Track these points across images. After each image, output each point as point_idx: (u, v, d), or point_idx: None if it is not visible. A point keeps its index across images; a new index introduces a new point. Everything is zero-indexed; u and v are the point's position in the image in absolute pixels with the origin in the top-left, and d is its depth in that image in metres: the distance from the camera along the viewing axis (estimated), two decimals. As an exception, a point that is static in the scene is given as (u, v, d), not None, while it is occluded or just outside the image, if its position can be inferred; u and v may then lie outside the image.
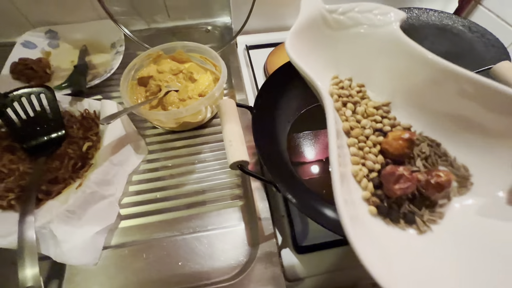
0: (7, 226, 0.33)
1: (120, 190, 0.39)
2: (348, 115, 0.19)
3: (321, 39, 0.20)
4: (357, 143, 0.17)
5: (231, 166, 0.27)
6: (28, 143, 0.41)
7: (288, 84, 0.42)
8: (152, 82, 0.46)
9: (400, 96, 0.19)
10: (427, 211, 0.15)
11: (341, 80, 0.20)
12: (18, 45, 0.55)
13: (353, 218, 0.13)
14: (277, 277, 0.31)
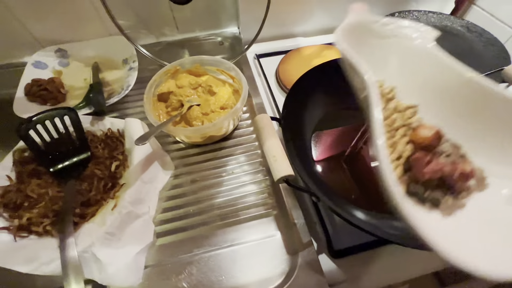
0: (48, 253, 0.33)
1: (153, 208, 0.39)
2: (386, 114, 0.20)
3: (362, 43, 0.21)
4: (389, 131, 0.19)
5: (278, 181, 0.28)
6: (54, 166, 0.41)
7: (309, 92, 0.43)
8: (172, 97, 0.47)
9: (428, 102, 0.20)
10: (451, 198, 0.16)
11: (381, 84, 0.22)
12: (29, 65, 0.54)
13: (405, 201, 0.14)
14: (322, 284, 0.32)
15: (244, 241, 0.37)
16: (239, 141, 0.47)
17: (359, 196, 0.40)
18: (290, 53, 0.63)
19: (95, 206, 0.38)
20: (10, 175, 0.40)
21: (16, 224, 0.35)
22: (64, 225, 0.34)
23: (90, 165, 0.42)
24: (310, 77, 0.43)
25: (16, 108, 0.47)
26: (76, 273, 0.31)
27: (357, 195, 0.40)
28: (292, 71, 0.59)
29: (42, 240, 0.35)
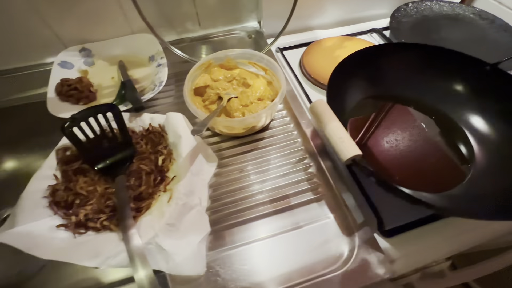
0: (111, 247, 0.33)
1: (205, 200, 0.39)
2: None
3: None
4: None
5: (346, 162, 0.29)
6: (100, 164, 0.41)
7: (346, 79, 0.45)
8: (209, 91, 0.47)
9: None
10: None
11: None
12: (55, 65, 0.53)
13: None
14: (383, 261, 0.33)
15: (298, 225, 0.38)
16: (277, 131, 0.48)
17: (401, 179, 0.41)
18: (312, 45, 0.64)
19: (148, 199, 0.38)
20: (56, 174, 0.40)
21: (73, 221, 0.35)
22: (124, 218, 0.34)
23: (135, 160, 0.42)
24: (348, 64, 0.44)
25: (51, 108, 0.47)
26: (143, 262, 0.31)
27: (400, 177, 0.41)
28: (317, 62, 0.60)
29: (101, 235, 0.35)
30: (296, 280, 0.33)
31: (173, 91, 0.57)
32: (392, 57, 0.46)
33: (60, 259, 0.31)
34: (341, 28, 0.71)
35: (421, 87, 0.48)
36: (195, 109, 0.42)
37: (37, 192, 0.37)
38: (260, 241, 0.37)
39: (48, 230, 0.34)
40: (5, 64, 0.57)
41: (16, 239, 0.31)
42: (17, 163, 0.60)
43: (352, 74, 0.45)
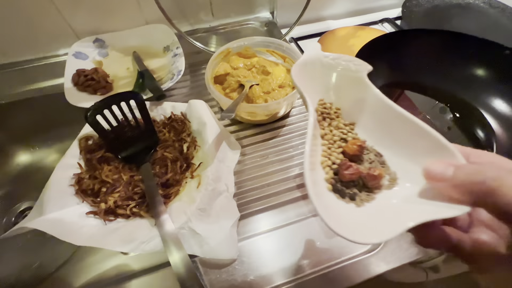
0: (144, 233, 0.33)
1: (232, 186, 0.39)
2: (325, 126, 0.25)
3: (316, 73, 0.26)
4: (327, 144, 0.24)
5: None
6: (123, 152, 0.40)
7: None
8: (230, 78, 0.47)
9: (362, 121, 0.25)
10: (364, 193, 0.21)
11: (325, 102, 0.26)
12: (70, 56, 0.53)
13: (317, 193, 0.19)
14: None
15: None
16: (298, 118, 0.48)
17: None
18: (325, 35, 0.64)
19: (176, 186, 0.38)
20: (80, 163, 0.40)
21: (103, 208, 0.35)
22: (155, 204, 0.34)
23: (158, 149, 0.42)
24: (370, 50, 0.44)
25: (70, 98, 0.46)
26: (177, 245, 0.31)
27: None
28: (333, 51, 0.59)
29: (132, 222, 0.35)
30: (333, 261, 0.33)
31: (188, 81, 0.56)
32: (413, 43, 0.47)
33: (94, 245, 0.31)
34: (352, 18, 0.71)
35: (440, 73, 0.48)
36: (219, 95, 0.41)
37: (62, 181, 0.37)
38: (289, 225, 0.37)
39: (78, 217, 0.34)
40: (18, 56, 0.56)
41: (49, 226, 0.31)
42: (30, 157, 0.60)
43: (374, 59, 0.45)
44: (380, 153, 0.23)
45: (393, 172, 0.22)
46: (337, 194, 0.21)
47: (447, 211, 0.16)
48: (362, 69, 0.24)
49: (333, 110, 0.25)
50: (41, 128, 0.58)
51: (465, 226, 0.19)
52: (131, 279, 0.33)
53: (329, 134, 0.24)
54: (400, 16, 0.70)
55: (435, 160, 0.17)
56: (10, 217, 0.53)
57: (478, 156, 0.18)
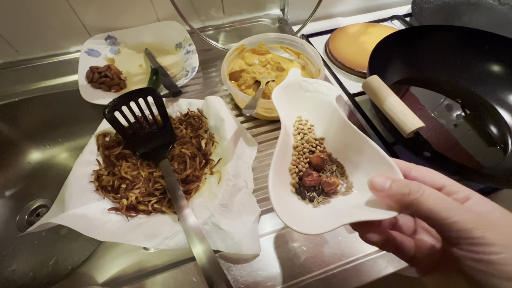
0: (167, 228, 0.33)
1: (251, 182, 0.39)
2: (298, 139, 0.29)
3: (296, 94, 0.30)
4: (297, 155, 0.28)
5: (409, 134, 0.29)
6: (141, 148, 0.40)
7: (383, 61, 0.45)
8: (245, 75, 0.47)
9: (330, 136, 0.29)
10: (321, 197, 0.25)
11: (301, 119, 0.30)
12: (83, 53, 0.52)
13: (278, 195, 0.22)
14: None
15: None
16: (313, 115, 0.48)
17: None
18: (336, 32, 0.64)
19: (196, 182, 0.38)
20: (98, 159, 0.40)
21: (125, 204, 0.35)
22: (178, 199, 0.34)
23: (176, 145, 0.42)
24: (385, 46, 0.44)
25: (85, 95, 0.46)
26: (201, 239, 0.31)
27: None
28: (344, 47, 0.60)
29: (154, 218, 0.35)
30: (357, 255, 0.34)
31: (201, 78, 0.56)
32: (427, 39, 0.47)
33: (118, 240, 0.31)
34: (362, 16, 0.71)
35: (453, 69, 0.48)
36: (236, 91, 0.41)
37: (83, 177, 0.37)
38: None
39: (100, 213, 0.34)
40: (30, 53, 0.56)
41: (73, 221, 0.31)
42: (41, 155, 0.60)
43: (389, 56, 0.45)
44: (342, 165, 0.27)
45: (350, 182, 0.25)
46: (298, 196, 0.25)
47: (379, 215, 0.19)
48: (332, 93, 0.28)
49: (307, 126, 0.29)
50: (52, 125, 0.58)
51: (410, 231, 0.23)
52: (154, 274, 0.33)
53: (300, 146, 0.28)
54: (409, 13, 0.70)
55: (378, 174, 0.20)
56: (23, 215, 0.53)
57: (417, 170, 0.21)
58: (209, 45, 0.57)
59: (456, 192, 0.19)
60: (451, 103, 0.49)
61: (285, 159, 0.26)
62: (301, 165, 0.27)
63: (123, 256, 0.36)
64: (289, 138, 0.27)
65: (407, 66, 0.48)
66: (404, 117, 0.29)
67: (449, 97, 0.49)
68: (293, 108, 0.29)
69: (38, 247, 0.48)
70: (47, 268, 0.46)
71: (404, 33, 0.46)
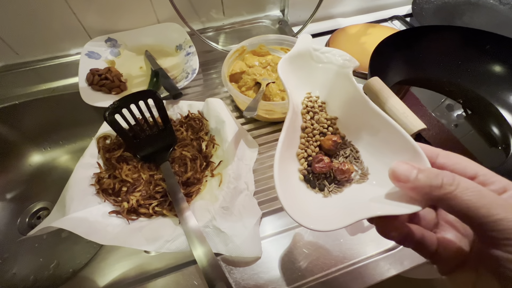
0: (169, 231, 0.33)
1: (251, 184, 0.39)
2: (307, 119, 0.25)
3: (305, 66, 0.26)
4: (306, 137, 0.24)
5: (412, 136, 0.29)
6: (143, 151, 0.40)
7: (384, 62, 0.45)
8: (246, 77, 0.47)
9: (344, 116, 0.25)
10: (333, 185, 0.22)
11: (311, 96, 0.26)
12: (83, 56, 0.52)
13: (284, 184, 0.19)
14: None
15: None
16: (314, 116, 0.48)
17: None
18: (336, 33, 0.64)
19: (197, 184, 0.38)
20: (99, 162, 0.40)
21: (126, 207, 0.35)
22: (179, 202, 0.34)
23: (176, 147, 0.42)
24: (386, 47, 0.43)
25: (85, 98, 0.46)
26: (201, 241, 0.31)
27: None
28: (343, 49, 0.59)
29: (155, 221, 0.35)
30: (361, 257, 0.33)
31: (201, 80, 0.56)
32: (428, 39, 0.47)
33: (120, 244, 0.31)
34: (362, 16, 0.71)
35: (455, 69, 0.48)
36: (237, 93, 0.41)
37: (83, 180, 0.37)
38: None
39: (101, 216, 0.34)
40: (30, 55, 0.56)
41: (74, 225, 0.31)
42: (42, 158, 0.60)
43: (390, 56, 0.45)
44: (356, 149, 0.23)
45: (366, 168, 0.22)
46: (307, 184, 0.22)
47: (400, 209, 0.17)
48: (349, 65, 0.24)
49: (317, 104, 0.25)
50: (53, 128, 0.58)
51: (431, 225, 0.20)
52: (155, 278, 0.33)
53: (310, 127, 0.24)
54: (410, 13, 0.70)
55: (401, 161, 0.17)
56: (24, 218, 0.53)
57: (446, 156, 0.19)
58: (209, 47, 0.57)
59: (492, 183, 0.16)
60: (452, 103, 0.48)
61: (292, 142, 0.22)
62: (311, 149, 0.23)
63: (124, 260, 0.36)
64: (297, 118, 0.23)
65: (408, 66, 0.48)
66: (406, 119, 0.29)
67: (450, 97, 0.49)
68: (302, 82, 0.25)
69: (39, 250, 0.48)
70: (48, 271, 0.46)
71: (405, 33, 0.46)
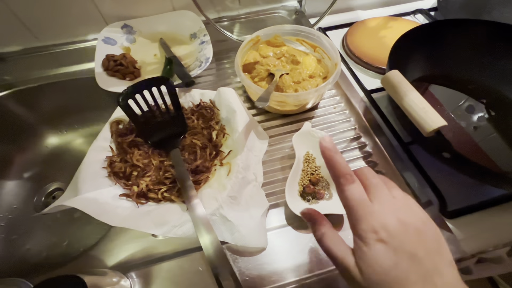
0: (176, 217, 0.33)
1: (260, 175, 0.39)
2: (305, 166, 0.40)
3: (307, 138, 0.41)
4: (303, 175, 0.39)
5: (430, 133, 0.28)
6: (154, 137, 0.41)
7: (405, 56, 0.43)
8: (259, 67, 0.46)
9: (324, 166, 0.39)
10: (314, 200, 0.37)
11: (309, 154, 0.41)
12: (99, 41, 0.53)
13: (290, 197, 0.35)
14: (453, 240, 0.32)
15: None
16: (327, 110, 0.47)
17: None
18: (355, 25, 0.61)
19: (205, 173, 0.38)
20: (111, 146, 0.40)
21: (135, 191, 0.35)
22: (187, 189, 0.34)
23: (187, 135, 0.42)
24: (408, 40, 0.41)
25: (100, 82, 0.47)
26: (208, 229, 0.31)
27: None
28: (362, 42, 0.58)
29: (163, 206, 0.35)
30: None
31: (214, 69, 0.56)
32: (454, 34, 0.44)
33: (129, 226, 0.31)
34: (382, 9, 0.68)
35: (481, 67, 0.46)
36: (250, 83, 0.41)
37: (96, 163, 0.37)
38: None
39: (111, 198, 0.34)
40: (49, 39, 0.57)
41: (85, 205, 0.31)
42: (58, 140, 0.61)
43: (411, 50, 0.43)
44: (328, 183, 0.38)
45: (332, 193, 0.38)
46: (301, 197, 0.37)
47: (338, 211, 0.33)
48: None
49: (311, 158, 0.41)
50: (69, 111, 0.60)
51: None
52: (161, 261, 0.34)
53: (306, 170, 0.39)
54: (434, 7, 0.67)
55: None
56: (40, 197, 0.55)
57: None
58: (223, 36, 0.56)
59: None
60: (473, 104, 0.46)
61: (296, 177, 0.38)
62: (305, 181, 0.39)
63: (132, 242, 0.37)
64: (299, 165, 0.39)
65: (429, 62, 0.46)
66: (425, 114, 0.28)
67: (472, 96, 0.46)
68: (304, 146, 0.41)
69: (52, 228, 0.50)
70: (60, 249, 0.48)
71: (429, 26, 0.44)
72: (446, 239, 0.32)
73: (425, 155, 0.39)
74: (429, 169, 0.39)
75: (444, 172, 0.39)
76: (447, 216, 0.36)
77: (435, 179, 0.38)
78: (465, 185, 0.38)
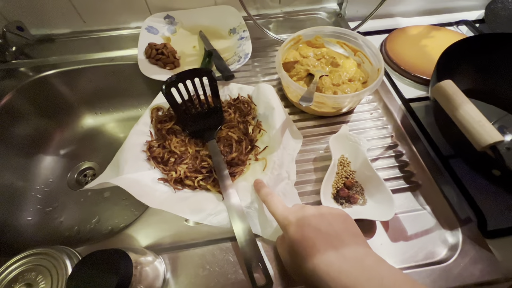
0: (212, 205, 0.34)
1: (293, 174, 0.39)
2: (340, 169, 0.40)
3: (343, 141, 0.41)
4: (337, 177, 0.39)
5: (485, 148, 0.27)
6: (192, 126, 0.42)
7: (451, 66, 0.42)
8: (299, 67, 0.46)
9: (358, 170, 0.40)
10: (347, 204, 0.37)
11: (343, 157, 0.41)
12: (143, 30, 0.55)
13: (324, 199, 0.36)
14: (492, 260, 0.31)
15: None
16: (363, 116, 0.46)
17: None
18: (395, 32, 0.60)
19: (240, 166, 0.38)
20: (151, 131, 0.42)
21: (173, 177, 0.36)
22: (223, 178, 0.35)
23: (223, 128, 0.43)
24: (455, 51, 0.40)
25: (143, 69, 0.48)
26: (242, 218, 0.32)
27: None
28: (402, 49, 0.56)
29: (199, 194, 0.36)
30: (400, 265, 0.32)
31: (249, 65, 0.56)
32: (506, 49, 0.42)
33: (167, 209, 0.32)
34: (424, 17, 0.67)
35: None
36: (290, 82, 0.41)
37: (136, 146, 0.39)
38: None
39: (151, 181, 0.36)
40: (95, 24, 0.60)
41: (129, 185, 0.33)
42: (93, 121, 0.64)
43: (459, 61, 0.42)
44: (363, 188, 0.38)
45: (366, 199, 0.37)
46: (334, 200, 0.37)
47: (375, 218, 0.34)
48: (366, 146, 0.39)
49: (346, 162, 0.40)
50: (106, 95, 0.62)
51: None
52: (192, 247, 0.35)
53: (340, 173, 0.39)
54: (480, 19, 0.64)
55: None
56: (73, 174, 0.57)
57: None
58: (259, 33, 0.57)
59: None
60: (504, 125, 0.44)
61: (330, 179, 0.38)
62: (339, 184, 0.38)
63: (164, 225, 0.38)
64: (334, 167, 0.39)
65: (477, 76, 0.44)
66: (481, 128, 0.27)
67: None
68: (340, 149, 0.41)
69: (84, 205, 0.52)
70: (90, 225, 0.50)
71: (481, 38, 0.42)
72: (485, 259, 0.31)
73: (466, 170, 0.38)
74: (469, 185, 0.38)
75: (487, 189, 0.37)
76: (486, 235, 0.35)
77: (475, 195, 0.37)
78: (509, 204, 0.37)
